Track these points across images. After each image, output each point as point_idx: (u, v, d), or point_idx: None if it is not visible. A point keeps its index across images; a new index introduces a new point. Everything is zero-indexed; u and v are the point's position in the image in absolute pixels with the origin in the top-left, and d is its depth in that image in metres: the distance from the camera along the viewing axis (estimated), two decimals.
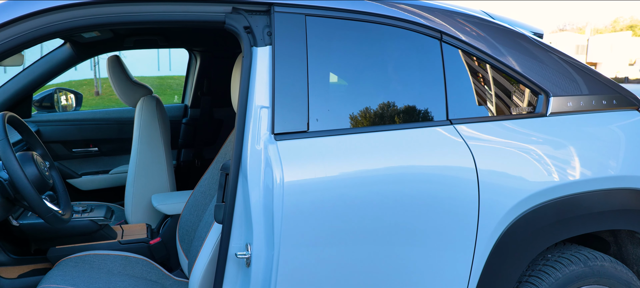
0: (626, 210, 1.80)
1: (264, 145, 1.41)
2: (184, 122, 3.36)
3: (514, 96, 1.74)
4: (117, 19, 1.36)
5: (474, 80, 1.69)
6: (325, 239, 1.40)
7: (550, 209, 1.65)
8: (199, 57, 3.30)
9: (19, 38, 1.27)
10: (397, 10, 1.61)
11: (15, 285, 2.02)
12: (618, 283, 1.82)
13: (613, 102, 1.87)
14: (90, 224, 2.12)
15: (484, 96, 1.70)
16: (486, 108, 1.69)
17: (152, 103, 2.49)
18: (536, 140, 1.67)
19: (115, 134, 3.14)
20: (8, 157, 1.50)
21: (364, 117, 1.54)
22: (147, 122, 2.44)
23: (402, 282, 1.51)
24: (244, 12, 1.48)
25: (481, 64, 1.70)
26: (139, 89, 2.55)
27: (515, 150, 1.63)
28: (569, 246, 1.87)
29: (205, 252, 1.65)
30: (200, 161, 3.37)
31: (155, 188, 2.46)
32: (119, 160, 3.15)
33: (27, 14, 1.28)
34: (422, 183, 1.50)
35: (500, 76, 1.72)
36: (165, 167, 2.49)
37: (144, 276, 2.02)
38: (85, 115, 3.18)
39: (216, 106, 3.40)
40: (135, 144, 2.45)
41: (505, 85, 1.73)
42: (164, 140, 2.49)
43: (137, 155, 2.43)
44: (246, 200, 1.43)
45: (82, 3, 1.32)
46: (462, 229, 1.54)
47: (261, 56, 1.46)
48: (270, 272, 1.38)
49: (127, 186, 2.46)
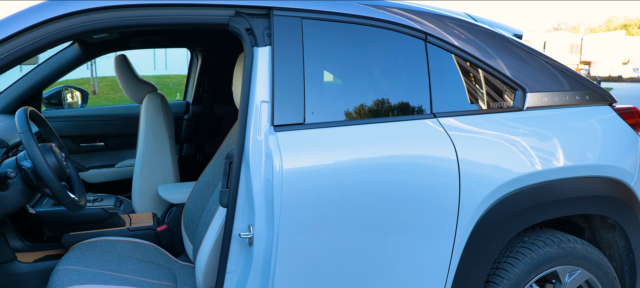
0: (597, 196, 1.96)
1: (264, 136, 1.56)
2: (186, 118, 3.51)
3: (493, 92, 1.90)
4: (137, 21, 1.51)
5: (456, 77, 1.84)
6: (319, 221, 1.55)
7: (525, 195, 1.80)
8: (200, 57, 3.45)
9: (55, 35, 1.42)
10: (385, 12, 1.76)
11: (31, 269, 2.17)
12: (589, 264, 1.98)
13: (586, 98, 2.03)
14: (101, 212, 2.27)
15: (466, 92, 1.85)
16: (467, 103, 1.85)
17: (157, 100, 2.64)
18: (513, 133, 1.82)
19: (120, 129, 3.29)
20: (32, 148, 1.65)
21: (355, 110, 1.69)
22: (153, 117, 2.59)
23: (389, 260, 1.66)
24: (246, 16, 1.63)
25: (463, 62, 1.86)
26: (145, 87, 2.70)
27: (493, 141, 1.78)
28: (545, 230, 2.02)
29: (211, 235, 1.80)
30: (202, 155, 3.52)
31: (160, 179, 2.61)
32: (124, 154, 3.30)
33: (64, 13, 1.43)
34: (408, 171, 1.65)
35: (481, 73, 1.87)
36: (169, 159, 2.64)
37: (152, 260, 2.17)
38: (92, 111, 3.33)
39: (216, 103, 3.55)
40: (141, 138, 2.59)
41: (485, 81, 1.89)
42: (168, 134, 2.65)
43: (144, 148, 2.58)
44: (248, 186, 1.58)
45: (111, 6, 1.47)
46: (445, 212, 1.69)
47: (261, 55, 1.61)
48: (271, 250, 1.53)
49: (134, 177, 2.61)
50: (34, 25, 1.42)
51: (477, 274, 1.80)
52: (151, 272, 2.04)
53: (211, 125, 3.56)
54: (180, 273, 2.12)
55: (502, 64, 1.90)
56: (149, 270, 2.04)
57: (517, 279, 1.87)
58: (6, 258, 2.12)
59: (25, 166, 1.71)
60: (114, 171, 3.21)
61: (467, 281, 1.78)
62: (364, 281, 1.64)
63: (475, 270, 1.79)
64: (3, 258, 2.11)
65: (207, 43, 3.31)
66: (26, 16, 1.43)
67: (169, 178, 2.64)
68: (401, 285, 1.70)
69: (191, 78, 3.61)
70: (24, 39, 1.42)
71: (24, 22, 1.42)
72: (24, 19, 1.42)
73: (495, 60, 1.90)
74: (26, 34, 1.42)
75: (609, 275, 2.03)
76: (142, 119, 2.61)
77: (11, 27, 1.42)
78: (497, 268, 1.89)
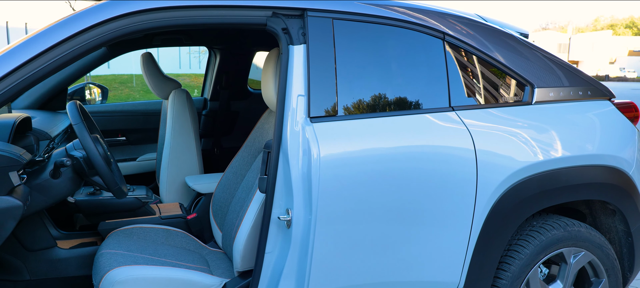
0: (599, 183, 2.13)
1: (301, 127, 1.71)
2: (204, 114, 3.65)
3: (504, 87, 2.06)
4: (186, 21, 1.65)
5: (471, 74, 2.00)
6: (352, 203, 1.71)
7: (535, 182, 1.97)
8: (218, 55, 3.59)
9: (111, 34, 1.56)
10: (408, 15, 1.92)
11: (70, 255, 2.31)
12: (592, 246, 2.15)
13: (588, 93, 2.20)
14: (135, 201, 2.41)
15: (480, 87, 2.01)
16: (482, 97, 2.01)
17: (182, 95, 2.78)
18: (523, 125, 1.99)
19: (141, 124, 3.43)
20: (85, 138, 1.79)
21: (381, 104, 1.85)
22: (179, 112, 2.73)
23: (414, 240, 1.82)
24: (282, 16, 1.77)
25: (477, 60, 2.02)
26: (170, 83, 2.84)
27: (505, 132, 1.95)
28: (552, 216, 2.19)
29: (248, 220, 1.95)
30: (219, 149, 3.66)
31: (186, 171, 2.75)
32: (145, 148, 3.44)
33: (121, 14, 1.57)
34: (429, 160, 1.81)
35: (493, 70, 2.04)
36: (195, 152, 2.78)
37: (184, 246, 2.32)
38: (115, 107, 3.47)
39: (233, 99, 3.69)
40: (168, 131, 2.73)
41: (497, 78, 2.05)
42: (193, 128, 2.79)
43: (171, 141, 2.73)
44: (286, 173, 1.73)
45: (162, 7, 1.60)
46: (463, 197, 1.85)
47: (297, 53, 1.76)
48: (309, 231, 1.69)
49: (161, 169, 2.75)
50: (95, 24, 1.55)
51: (492, 255, 1.96)
52: (185, 257, 2.18)
53: (228, 120, 3.71)
54: (211, 258, 2.26)
55: (512, 61, 2.07)
56: (182, 255, 2.19)
57: (528, 260, 2.03)
58: (47, 244, 2.26)
59: (77, 155, 1.85)
60: (136, 164, 3.34)
61: (483, 261, 1.94)
62: (392, 257, 1.80)
63: (490, 251, 1.95)
64: (45, 244, 2.25)
65: (226, 42, 3.45)
66: (88, 16, 1.57)
67: (194, 170, 2.78)
68: (425, 263, 1.86)
69: (209, 75, 3.75)
70: (86, 37, 1.55)
71: (86, 21, 1.55)
72: (86, 18, 1.56)
73: (506, 57, 2.06)
74: (88, 32, 1.55)
75: (609, 257, 2.20)
76: (169, 114, 2.75)
77: (74, 26, 1.55)
78: (510, 249, 2.06)
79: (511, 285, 2.02)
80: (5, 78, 1.43)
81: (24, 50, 1.47)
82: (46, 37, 1.49)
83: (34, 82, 1.46)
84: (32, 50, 1.47)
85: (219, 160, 3.53)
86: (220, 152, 3.65)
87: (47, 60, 1.47)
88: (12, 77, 1.44)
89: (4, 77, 1.42)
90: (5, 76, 1.43)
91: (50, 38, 1.49)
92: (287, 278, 1.74)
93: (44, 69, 1.47)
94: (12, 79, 1.43)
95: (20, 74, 1.44)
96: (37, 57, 1.47)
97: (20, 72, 1.44)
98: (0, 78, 1.42)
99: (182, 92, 2.80)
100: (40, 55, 1.47)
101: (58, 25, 1.53)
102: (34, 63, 1.46)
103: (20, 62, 1.45)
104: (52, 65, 1.48)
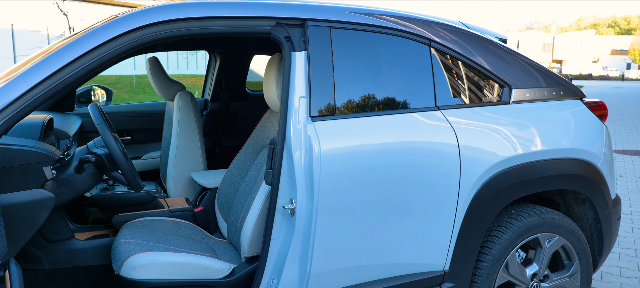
0: (571, 174, 2.35)
1: (303, 125, 1.91)
2: (205, 114, 3.84)
3: (485, 88, 2.28)
4: (195, 31, 1.82)
5: (455, 76, 2.22)
6: (350, 193, 1.91)
7: (512, 173, 2.19)
8: (218, 58, 3.78)
9: (135, 42, 1.74)
10: (397, 23, 2.12)
11: (86, 246, 2.48)
12: (564, 231, 2.38)
13: (560, 93, 2.43)
14: (146, 196, 2.60)
15: (462, 88, 2.23)
16: (464, 97, 2.22)
17: (187, 97, 2.97)
18: (502, 122, 2.21)
19: (145, 124, 3.61)
20: (107, 136, 1.98)
21: (373, 104, 2.05)
22: (185, 112, 2.92)
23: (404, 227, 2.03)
24: (285, 25, 1.96)
25: (460, 63, 2.23)
26: (175, 85, 3.03)
27: (485, 129, 2.16)
28: (528, 205, 2.42)
29: (254, 210, 2.14)
30: (219, 147, 3.85)
31: (192, 167, 2.94)
32: (149, 147, 3.62)
33: (146, 24, 1.74)
34: (418, 154, 2.02)
35: (474, 73, 2.25)
36: (199, 150, 2.98)
37: (192, 237, 2.51)
38: (120, 108, 3.64)
39: (232, 100, 3.89)
40: (175, 131, 2.92)
41: (478, 79, 2.27)
42: (198, 127, 2.98)
43: (177, 140, 2.91)
44: (290, 166, 1.93)
45: (182, 18, 1.79)
46: (448, 188, 2.06)
47: (298, 59, 1.95)
48: (311, 218, 1.89)
49: (168, 166, 2.94)
50: (124, 33, 1.73)
51: (474, 240, 2.18)
52: (194, 246, 2.37)
53: (228, 120, 3.90)
54: (217, 248, 2.45)
55: (491, 64, 2.28)
56: (191, 245, 2.38)
57: (506, 244, 2.26)
58: (66, 236, 2.44)
59: (99, 152, 2.04)
60: (141, 162, 3.52)
61: (467, 246, 2.16)
62: (384, 241, 2.01)
63: (472, 236, 2.17)
64: (63, 236, 2.43)
65: (225, 46, 3.64)
66: (116, 25, 1.74)
67: (199, 167, 2.97)
68: (413, 247, 2.07)
69: (209, 77, 3.94)
70: (115, 44, 1.72)
71: (115, 30, 1.73)
72: (115, 28, 1.73)
73: (486, 61, 2.28)
74: (117, 40, 1.73)
75: (581, 241, 2.43)
76: (175, 115, 2.93)
77: (104, 35, 1.73)
78: (490, 235, 2.28)
79: (492, 267, 2.24)
80: (51, 77, 1.60)
81: (62, 55, 1.64)
82: (82, 44, 1.67)
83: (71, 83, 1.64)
84: (72, 55, 1.64)
85: (220, 157, 3.72)
86: (221, 150, 3.84)
87: (83, 64, 1.64)
88: (56, 77, 1.61)
89: (49, 77, 1.59)
90: (50, 76, 1.60)
91: (85, 45, 1.67)
92: (291, 262, 1.94)
93: (83, 71, 1.64)
94: (56, 78, 1.60)
95: (60, 76, 1.61)
96: (79, 59, 1.64)
97: (62, 72, 1.61)
98: (47, 77, 1.59)
99: (186, 94, 2.99)
100: (82, 57, 1.64)
101: (89, 35, 1.71)
102: (73, 66, 1.63)
103: (60, 66, 1.62)
104: (84, 70, 1.66)
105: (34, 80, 1.57)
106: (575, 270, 2.43)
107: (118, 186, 2.72)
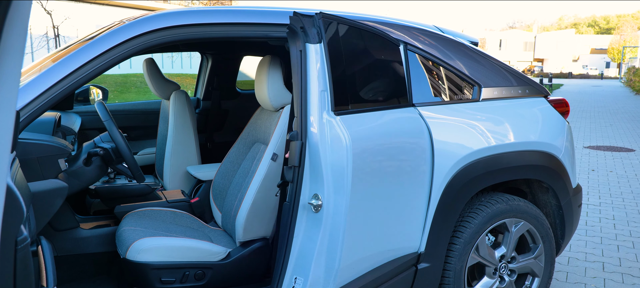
0: (535, 165, 2.60)
1: (327, 120, 1.94)
2: (197, 112, 4.03)
3: (456, 87, 2.51)
4: (211, 35, 1.98)
5: (429, 76, 2.45)
6: (368, 183, 2.02)
7: (481, 164, 2.42)
8: (210, 59, 3.98)
9: (144, 45, 1.92)
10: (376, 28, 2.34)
11: (90, 234, 2.66)
12: (529, 217, 2.62)
13: (526, 91, 2.68)
14: (146, 188, 2.79)
15: (436, 87, 2.46)
16: (437, 95, 2.45)
17: (182, 95, 3.16)
18: (472, 118, 2.44)
19: (141, 122, 3.79)
20: (114, 132, 2.17)
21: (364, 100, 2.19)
22: (180, 110, 3.11)
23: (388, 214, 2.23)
24: (300, 17, 2.06)
25: (434, 65, 2.46)
26: (171, 85, 3.22)
27: (457, 124, 2.39)
28: (497, 193, 2.66)
29: (247, 200, 2.32)
30: (211, 143, 4.05)
31: (187, 161, 3.13)
32: (144, 143, 3.80)
33: (153, 29, 1.94)
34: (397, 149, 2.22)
35: (447, 73, 2.48)
36: (194, 145, 3.17)
37: (189, 225, 2.70)
38: (117, 106, 3.82)
39: (223, 99, 4.09)
40: (171, 127, 3.11)
41: (450, 79, 2.50)
42: (192, 124, 3.17)
43: (173, 136, 3.10)
44: (312, 162, 1.95)
45: (194, 24, 1.97)
46: (422, 178, 2.28)
47: (314, 51, 1.97)
48: (340, 212, 1.92)
49: (165, 161, 3.13)
50: (135, 36, 1.92)
51: (447, 225, 2.40)
52: (191, 233, 2.56)
53: (219, 117, 4.09)
54: (213, 235, 2.65)
55: (462, 66, 2.52)
56: (189, 232, 2.57)
57: (477, 228, 2.49)
58: (71, 225, 2.62)
59: (106, 146, 2.23)
60: (137, 158, 3.70)
61: (440, 230, 2.38)
62: (380, 230, 2.17)
63: (445, 222, 2.38)
64: (69, 225, 2.61)
65: (217, 47, 3.84)
66: (135, 27, 1.92)
67: (193, 161, 3.17)
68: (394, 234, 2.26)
69: (201, 77, 4.13)
70: (134, 43, 1.91)
71: (133, 31, 1.91)
72: (133, 29, 1.91)
73: (458, 62, 2.51)
74: (136, 39, 1.91)
75: (544, 226, 2.68)
76: (170, 113, 3.12)
77: (122, 35, 1.90)
78: (462, 220, 2.51)
79: (464, 249, 2.48)
80: (69, 76, 1.77)
81: (82, 55, 1.81)
82: (103, 42, 1.84)
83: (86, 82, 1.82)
84: (93, 53, 1.81)
85: (212, 152, 3.91)
86: (213, 145, 4.04)
87: (102, 62, 1.82)
88: (73, 77, 1.78)
89: (67, 76, 1.77)
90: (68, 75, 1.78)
91: (108, 42, 1.84)
92: (318, 258, 1.97)
93: (100, 69, 1.82)
94: (73, 77, 1.77)
95: (77, 75, 1.79)
96: (98, 57, 1.81)
97: (79, 72, 1.78)
98: (66, 76, 1.76)
99: (181, 93, 3.18)
100: (101, 55, 1.81)
101: (109, 34, 1.88)
102: (93, 63, 1.80)
103: (80, 64, 1.78)
104: (103, 67, 1.83)
105: (54, 78, 1.75)
106: (539, 252, 2.68)
107: (119, 179, 2.90)
